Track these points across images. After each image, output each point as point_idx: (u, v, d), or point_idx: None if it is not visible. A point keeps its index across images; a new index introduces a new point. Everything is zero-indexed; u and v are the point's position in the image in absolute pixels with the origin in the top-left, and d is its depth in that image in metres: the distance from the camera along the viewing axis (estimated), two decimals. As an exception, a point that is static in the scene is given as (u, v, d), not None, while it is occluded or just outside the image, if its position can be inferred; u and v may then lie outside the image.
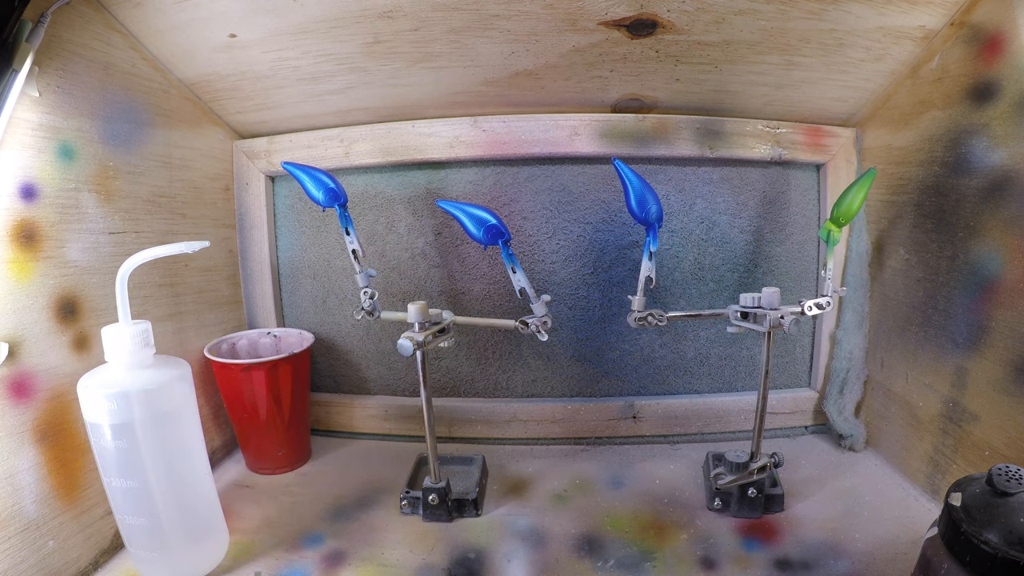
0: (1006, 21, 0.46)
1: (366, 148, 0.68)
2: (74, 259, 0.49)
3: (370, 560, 0.51)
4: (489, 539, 0.53)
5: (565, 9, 0.51)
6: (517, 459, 0.67)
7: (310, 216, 0.73)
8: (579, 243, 0.69)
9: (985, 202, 0.49)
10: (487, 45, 0.56)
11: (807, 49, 0.55)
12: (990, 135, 0.48)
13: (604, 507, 0.57)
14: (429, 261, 0.71)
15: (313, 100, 0.65)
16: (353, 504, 0.59)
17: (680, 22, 0.53)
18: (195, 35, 0.55)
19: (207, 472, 0.49)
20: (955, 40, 0.51)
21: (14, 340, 0.44)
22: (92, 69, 0.50)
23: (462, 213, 0.54)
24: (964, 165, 0.51)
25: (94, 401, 0.42)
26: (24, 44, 0.42)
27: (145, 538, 0.45)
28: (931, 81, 0.54)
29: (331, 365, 0.76)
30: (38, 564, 0.44)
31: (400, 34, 0.55)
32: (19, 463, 0.43)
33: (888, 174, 0.61)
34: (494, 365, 0.73)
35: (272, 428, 0.64)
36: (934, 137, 0.55)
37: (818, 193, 0.69)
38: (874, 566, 0.47)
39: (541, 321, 0.55)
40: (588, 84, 0.62)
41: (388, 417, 0.73)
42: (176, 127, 0.62)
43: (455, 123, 0.66)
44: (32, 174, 0.45)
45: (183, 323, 0.63)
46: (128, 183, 0.55)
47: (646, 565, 0.49)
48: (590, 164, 0.68)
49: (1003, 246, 0.48)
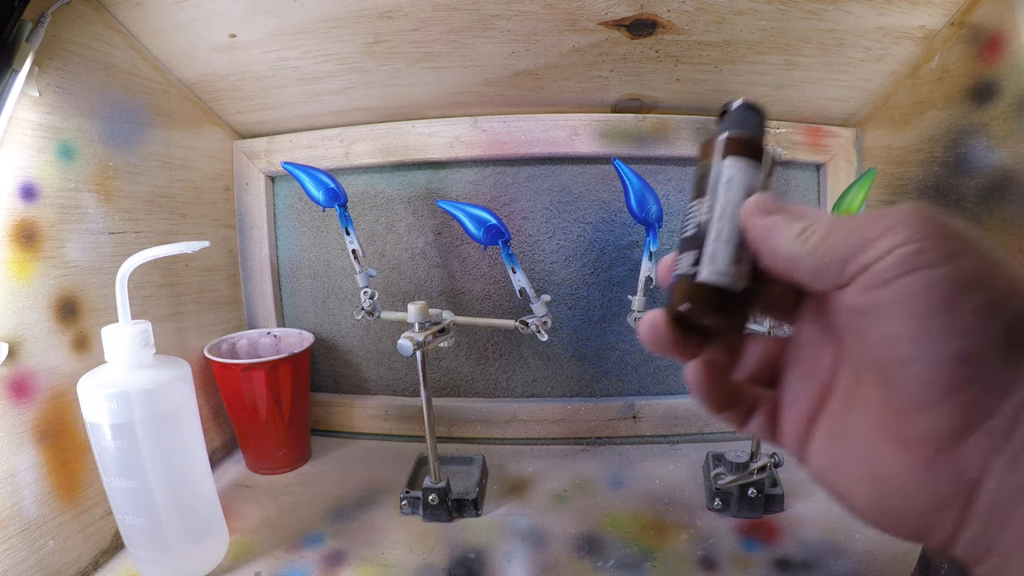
0: (1006, 21, 0.46)
1: (366, 148, 0.68)
2: (74, 259, 0.49)
3: (370, 560, 0.51)
4: (489, 539, 0.53)
5: (565, 9, 0.51)
6: (517, 459, 0.67)
7: (310, 216, 0.73)
8: (579, 243, 0.69)
9: (985, 202, 0.49)
10: (487, 45, 0.56)
11: (807, 49, 0.55)
12: (990, 135, 0.48)
13: (604, 507, 0.57)
14: (429, 261, 0.71)
15: (313, 100, 0.65)
16: (353, 504, 0.59)
17: (680, 22, 0.53)
18: (195, 35, 0.55)
19: (207, 472, 0.49)
20: (955, 40, 0.51)
21: (14, 340, 0.44)
22: (92, 69, 0.50)
23: (462, 213, 0.54)
24: (964, 165, 0.51)
25: (94, 401, 0.42)
26: (24, 44, 0.42)
27: (145, 538, 0.45)
28: (931, 81, 0.54)
29: (331, 365, 0.76)
30: (38, 564, 0.44)
31: (400, 34, 0.55)
32: (19, 463, 0.43)
33: (888, 174, 0.61)
34: (494, 365, 0.73)
35: (272, 428, 0.64)
36: (934, 137, 0.55)
37: (818, 193, 0.69)
38: (874, 566, 0.47)
39: (541, 321, 0.55)
40: (588, 84, 0.62)
41: (388, 417, 0.73)
42: (176, 127, 0.62)
43: (455, 123, 0.66)
44: (32, 174, 0.45)
45: (183, 323, 0.63)
46: (128, 183, 0.55)
47: (646, 565, 0.49)
48: (590, 164, 0.68)
49: (1003, 246, 0.48)
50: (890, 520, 0.20)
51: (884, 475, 0.20)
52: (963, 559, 0.19)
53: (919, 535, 0.20)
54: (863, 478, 0.21)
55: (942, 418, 0.18)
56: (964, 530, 0.18)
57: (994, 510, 0.18)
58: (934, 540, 0.19)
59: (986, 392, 0.17)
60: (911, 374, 0.18)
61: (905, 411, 0.19)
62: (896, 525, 0.20)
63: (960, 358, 0.17)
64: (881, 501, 0.20)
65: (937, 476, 0.18)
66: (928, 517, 0.19)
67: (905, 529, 0.20)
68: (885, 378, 0.19)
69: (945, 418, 0.18)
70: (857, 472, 0.21)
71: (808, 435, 0.23)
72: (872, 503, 0.20)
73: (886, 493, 0.20)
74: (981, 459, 0.18)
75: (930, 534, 0.19)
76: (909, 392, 0.18)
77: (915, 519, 0.19)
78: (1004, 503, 0.17)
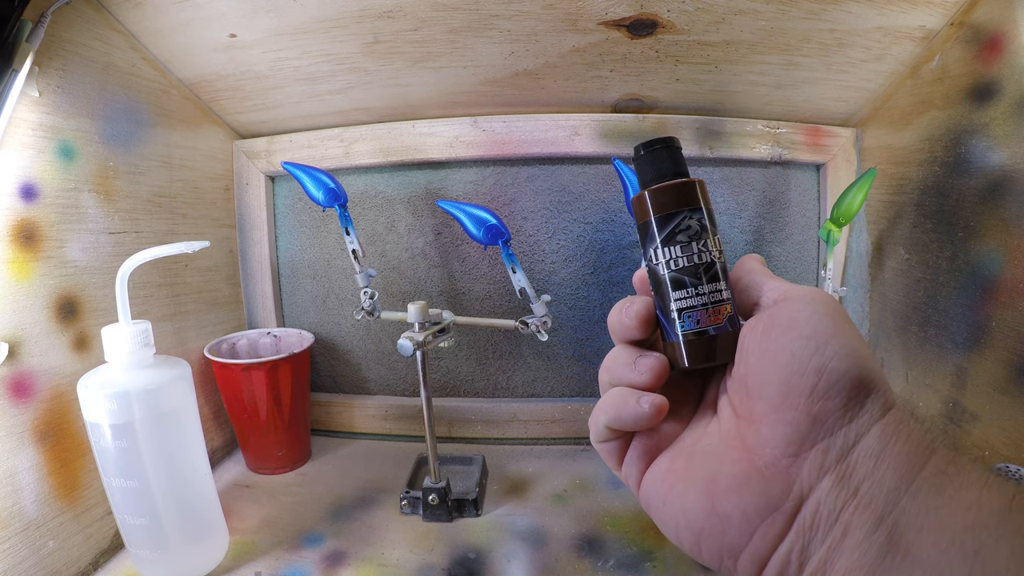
0: (1006, 21, 0.46)
1: (366, 148, 0.68)
2: (74, 259, 0.49)
3: (370, 560, 0.51)
4: (489, 539, 0.53)
5: (565, 9, 0.51)
6: (517, 459, 0.67)
7: (310, 216, 0.73)
8: (579, 243, 0.69)
9: (985, 202, 0.49)
10: (487, 45, 0.56)
11: (807, 49, 0.55)
12: (990, 135, 0.48)
13: (604, 507, 0.57)
14: (429, 261, 0.71)
15: (313, 100, 0.65)
16: (353, 504, 0.59)
17: (680, 22, 0.53)
18: (195, 35, 0.55)
19: (207, 472, 0.49)
20: (955, 40, 0.51)
21: (14, 340, 0.44)
22: (92, 69, 0.50)
23: (462, 213, 0.54)
24: (964, 165, 0.51)
25: (94, 401, 0.42)
26: (24, 44, 0.42)
27: (145, 538, 0.45)
28: (931, 81, 0.54)
29: (331, 365, 0.76)
30: (38, 564, 0.44)
31: (400, 34, 0.55)
32: (19, 463, 0.43)
33: (888, 174, 0.61)
34: (494, 365, 0.73)
35: (272, 428, 0.64)
36: (934, 137, 0.55)
37: (818, 193, 0.69)
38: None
39: (541, 321, 0.55)
40: (588, 84, 0.62)
41: (388, 417, 0.73)
42: (176, 127, 0.62)
43: (455, 123, 0.66)
44: (32, 174, 0.45)
45: (183, 323, 0.63)
46: (128, 183, 0.55)
47: (646, 565, 0.49)
48: (590, 164, 0.68)
49: (1003, 246, 0.47)
50: (717, 526, 0.21)
51: (720, 479, 0.22)
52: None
53: (735, 548, 0.21)
54: (698, 485, 0.22)
55: (790, 424, 0.21)
56: (784, 541, 0.20)
57: (815, 526, 0.20)
58: (748, 558, 0.21)
59: (833, 410, 0.20)
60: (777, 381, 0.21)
61: (759, 419, 0.22)
62: (720, 533, 0.21)
63: (822, 371, 0.20)
64: (713, 505, 0.22)
65: (771, 480, 0.21)
66: (753, 523, 0.21)
67: (727, 539, 0.21)
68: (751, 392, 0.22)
69: (792, 425, 0.20)
70: (692, 482, 0.23)
71: (648, 464, 0.25)
72: (704, 507, 0.22)
73: (721, 495, 0.22)
74: (813, 476, 0.20)
75: (749, 543, 0.21)
76: (768, 398, 0.21)
77: (740, 524, 0.21)
78: (824, 520, 0.20)
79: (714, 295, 0.24)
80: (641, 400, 0.23)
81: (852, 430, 0.20)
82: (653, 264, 0.25)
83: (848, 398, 0.20)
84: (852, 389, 0.20)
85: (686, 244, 0.24)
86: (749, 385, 0.22)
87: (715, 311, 0.24)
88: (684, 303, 0.24)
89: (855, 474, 0.19)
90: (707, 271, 0.24)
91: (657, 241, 0.24)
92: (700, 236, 0.24)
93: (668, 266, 0.24)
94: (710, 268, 0.24)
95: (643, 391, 0.24)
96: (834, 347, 0.20)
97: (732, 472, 0.22)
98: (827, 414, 0.20)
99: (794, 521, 0.20)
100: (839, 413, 0.20)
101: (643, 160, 0.26)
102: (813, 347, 0.20)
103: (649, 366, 0.24)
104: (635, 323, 0.25)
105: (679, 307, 0.24)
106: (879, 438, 0.20)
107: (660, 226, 0.24)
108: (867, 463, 0.19)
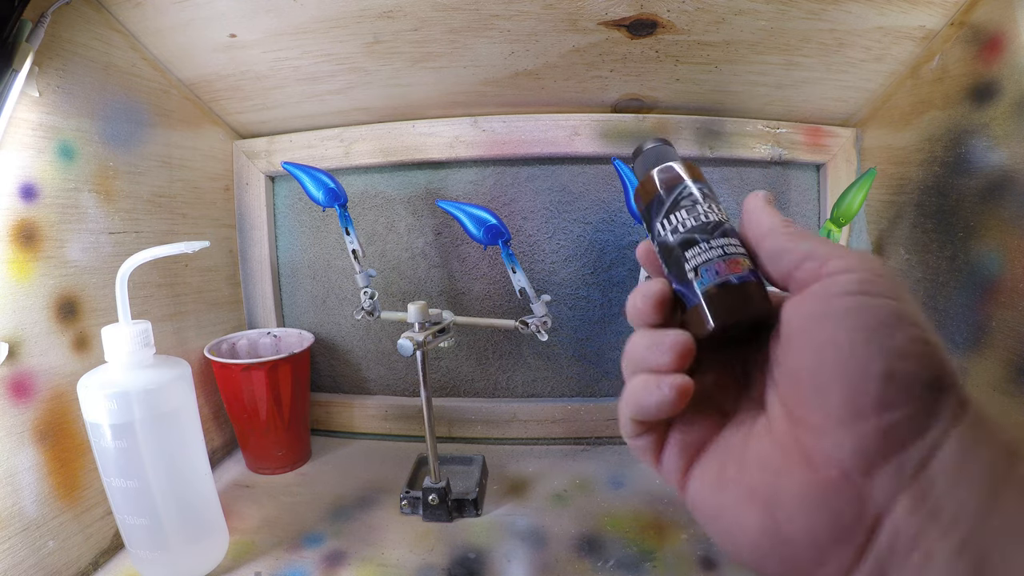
0: (1006, 21, 0.46)
1: (366, 148, 0.68)
2: (74, 259, 0.49)
3: (370, 560, 0.51)
4: (489, 539, 0.53)
5: (565, 9, 0.51)
6: (517, 459, 0.67)
7: (310, 216, 0.73)
8: (579, 243, 0.69)
9: (985, 202, 0.49)
10: (487, 45, 0.56)
11: (807, 49, 0.55)
12: (990, 135, 0.48)
13: (604, 507, 0.57)
14: (429, 261, 0.71)
15: (313, 100, 0.65)
16: (353, 504, 0.59)
17: (680, 22, 0.53)
18: (195, 35, 0.55)
19: (207, 472, 0.49)
20: (955, 40, 0.51)
21: (14, 340, 0.44)
22: (92, 69, 0.50)
23: (462, 213, 0.54)
24: (964, 165, 0.51)
25: (94, 401, 0.42)
26: (24, 44, 0.42)
27: (145, 538, 0.45)
28: (931, 81, 0.54)
29: (331, 365, 0.76)
30: (38, 564, 0.44)
31: (400, 34, 0.55)
32: (19, 463, 0.43)
33: (888, 174, 0.61)
34: (494, 365, 0.73)
35: (272, 428, 0.64)
36: (934, 137, 0.55)
37: (818, 193, 0.69)
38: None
39: (541, 321, 0.55)
40: (588, 84, 0.62)
41: (388, 417, 0.73)
42: (176, 127, 0.62)
43: (455, 123, 0.66)
44: (32, 174, 0.45)
45: (183, 323, 0.63)
46: (128, 183, 0.55)
47: (646, 565, 0.49)
48: (590, 164, 0.68)
49: (1003, 246, 0.48)
50: (782, 551, 0.19)
51: (783, 499, 0.19)
52: None
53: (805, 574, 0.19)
54: (758, 503, 0.20)
55: (858, 439, 0.18)
56: (859, 569, 0.18)
57: (892, 552, 0.17)
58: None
59: (906, 421, 0.17)
60: (838, 388, 0.18)
61: (820, 429, 0.18)
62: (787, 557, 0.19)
63: (891, 376, 0.17)
64: (778, 527, 0.19)
65: (841, 502, 0.18)
66: (824, 549, 0.18)
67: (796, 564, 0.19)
68: (807, 395, 0.19)
69: (861, 439, 0.18)
70: (749, 498, 0.20)
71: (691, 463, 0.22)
72: (767, 529, 0.19)
73: (785, 518, 0.19)
74: (887, 496, 0.17)
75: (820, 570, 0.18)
76: (830, 408, 0.18)
77: (809, 549, 0.18)
78: (902, 546, 0.17)
79: (728, 247, 0.22)
80: (662, 383, 0.21)
81: (927, 441, 0.17)
82: (662, 236, 0.24)
83: (921, 406, 0.17)
84: (924, 395, 0.17)
85: (691, 207, 0.24)
86: (802, 383, 0.19)
87: (733, 262, 0.22)
88: (699, 258, 0.22)
89: (934, 491, 0.17)
90: (716, 227, 0.23)
91: (664, 209, 0.24)
92: (705, 200, 0.24)
93: (677, 230, 0.23)
94: (719, 225, 0.23)
95: (665, 374, 0.21)
96: (901, 341, 0.18)
97: (797, 491, 0.19)
98: (899, 426, 0.17)
99: (869, 546, 0.18)
100: (912, 424, 0.17)
101: (644, 154, 0.27)
102: (877, 346, 0.18)
103: (669, 343, 0.21)
104: (650, 304, 0.22)
105: (695, 263, 0.22)
106: (958, 449, 0.17)
107: (665, 197, 0.24)
108: (946, 479, 0.17)
